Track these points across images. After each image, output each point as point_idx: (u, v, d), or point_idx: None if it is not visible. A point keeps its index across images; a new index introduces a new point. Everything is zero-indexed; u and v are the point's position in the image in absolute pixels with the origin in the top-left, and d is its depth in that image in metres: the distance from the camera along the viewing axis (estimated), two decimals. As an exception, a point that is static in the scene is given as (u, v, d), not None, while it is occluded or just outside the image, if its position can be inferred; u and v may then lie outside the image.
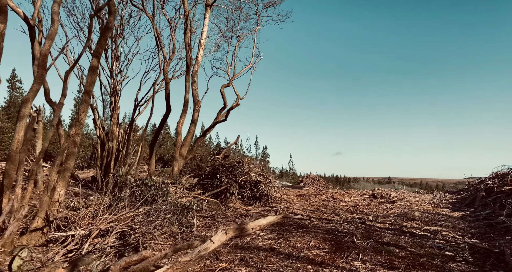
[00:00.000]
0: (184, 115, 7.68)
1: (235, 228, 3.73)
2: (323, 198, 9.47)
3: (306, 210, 7.55)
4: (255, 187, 8.50)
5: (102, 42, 4.86)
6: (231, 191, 8.09)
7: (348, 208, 7.93)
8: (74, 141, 4.55)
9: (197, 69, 8.33)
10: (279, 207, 7.88)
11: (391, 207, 8.17)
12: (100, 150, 9.33)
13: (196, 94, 8.30)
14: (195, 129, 8.42)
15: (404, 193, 11.28)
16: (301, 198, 10.10)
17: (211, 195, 8.39)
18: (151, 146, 8.94)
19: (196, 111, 8.31)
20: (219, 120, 9.83)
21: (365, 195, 10.12)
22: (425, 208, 8.08)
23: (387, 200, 8.99)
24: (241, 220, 6.00)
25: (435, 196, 10.66)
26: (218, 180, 8.42)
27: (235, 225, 3.77)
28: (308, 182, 23.13)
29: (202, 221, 5.94)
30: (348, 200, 9.06)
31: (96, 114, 9.03)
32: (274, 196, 8.63)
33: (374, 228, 5.61)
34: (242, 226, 3.81)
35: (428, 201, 9.29)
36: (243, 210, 7.50)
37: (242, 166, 8.86)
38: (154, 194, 5.57)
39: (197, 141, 9.81)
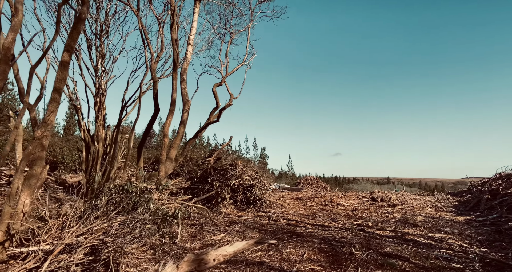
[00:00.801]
0: (171, 116, 7.24)
1: (190, 260, 2.95)
2: (320, 202, 9.04)
3: (301, 215, 7.11)
4: (248, 191, 8.06)
5: (74, 35, 4.42)
6: (222, 195, 7.64)
7: (346, 213, 7.50)
8: (42, 144, 4.09)
9: (186, 67, 7.90)
10: (273, 212, 7.44)
11: (391, 211, 7.74)
12: (85, 153, 8.87)
13: (186, 94, 7.87)
14: (185, 130, 7.98)
15: (404, 195, 10.87)
16: (297, 201, 9.66)
17: (202, 200, 7.95)
18: (138, 148, 8.49)
19: (185, 112, 7.87)
20: (211, 121, 9.39)
21: (364, 198, 9.69)
22: (427, 212, 7.66)
23: (387, 203, 8.56)
24: (231, 228, 5.56)
25: (437, 198, 10.24)
26: (209, 184, 7.97)
27: (191, 255, 2.95)
28: (306, 183, 22.71)
29: (188, 229, 5.49)
30: (346, 203, 8.63)
31: (80, 116, 8.57)
32: (269, 200, 8.19)
33: (374, 236, 5.18)
34: (200, 257, 3.00)
35: (430, 204, 8.87)
36: (235, 216, 7.06)
37: (235, 169, 8.43)
38: (135, 201, 5.13)
39: (188, 143, 9.36)
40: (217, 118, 9.35)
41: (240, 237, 4.99)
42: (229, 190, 7.88)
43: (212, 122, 9.45)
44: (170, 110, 7.21)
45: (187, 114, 7.91)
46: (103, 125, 9.00)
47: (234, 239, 4.88)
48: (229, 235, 5.11)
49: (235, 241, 4.77)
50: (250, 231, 5.41)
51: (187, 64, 7.91)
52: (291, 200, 10.19)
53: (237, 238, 4.91)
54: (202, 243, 4.69)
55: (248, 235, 5.10)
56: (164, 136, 7.17)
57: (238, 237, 4.98)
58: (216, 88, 9.33)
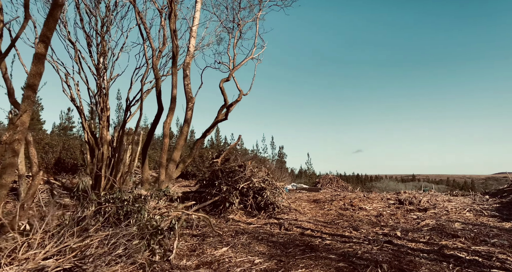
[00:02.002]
0: (172, 114, 6.67)
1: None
2: (339, 206, 8.19)
3: (318, 223, 6.33)
4: (259, 194, 7.37)
5: (50, 24, 3.89)
6: (230, 200, 6.99)
7: (369, 219, 6.64)
8: (13, 149, 3.60)
9: (189, 61, 7.31)
10: (286, 218, 6.70)
11: (422, 216, 6.79)
12: (89, 156, 8.52)
13: (189, 90, 7.28)
14: (189, 130, 7.41)
15: (435, 196, 9.78)
16: (314, 205, 8.86)
17: (209, 206, 7.34)
18: (143, 150, 8.00)
19: (189, 110, 7.28)
20: (219, 120, 8.77)
21: (390, 201, 8.73)
22: (465, 217, 6.65)
23: (417, 207, 7.59)
24: (236, 239, 4.89)
25: (474, 200, 9.10)
26: (216, 188, 7.35)
27: None
28: (325, 183, 21.70)
29: (189, 241, 4.88)
30: (369, 207, 7.74)
31: (83, 117, 8.21)
32: (282, 204, 7.45)
33: (405, 251, 4.33)
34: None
35: (467, 206, 7.80)
36: (243, 223, 6.39)
37: (244, 171, 7.76)
38: (128, 210, 4.57)
39: (196, 143, 8.78)
40: (225, 116, 8.71)
41: (245, 252, 4.30)
42: (238, 194, 7.22)
43: (221, 121, 8.82)
44: (170, 108, 6.64)
45: (191, 113, 7.32)
46: (107, 126, 8.60)
47: (238, 254, 4.21)
48: (233, 249, 4.44)
49: (238, 257, 4.10)
50: (257, 243, 4.71)
51: (190, 58, 7.32)
52: (307, 203, 9.39)
53: (241, 253, 4.23)
54: (200, 259, 4.04)
55: (254, 249, 4.41)
56: (164, 136, 6.62)
57: (242, 252, 4.30)
58: (224, 84, 8.69)
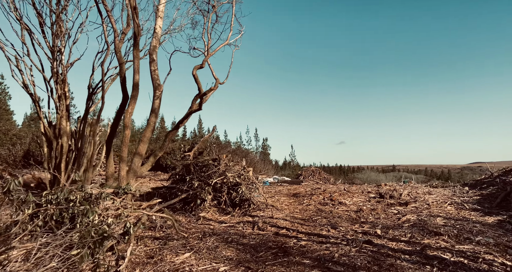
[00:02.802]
0: (134, 103, 5.99)
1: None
2: (319, 200, 7.83)
3: (295, 220, 5.92)
4: (233, 190, 6.87)
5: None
6: (202, 196, 6.46)
7: (349, 215, 6.28)
8: None
9: (156, 44, 6.60)
10: (262, 216, 6.25)
11: (403, 211, 6.51)
12: (47, 150, 7.71)
13: (156, 77, 6.59)
14: (157, 120, 6.75)
15: (416, 189, 9.63)
16: (293, 199, 8.47)
17: (179, 203, 6.78)
18: (107, 143, 7.27)
19: (156, 98, 6.61)
20: (193, 110, 8.13)
21: (370, 194, 8.46)
22: (447, 211, 6.42)
23: (398, 200, 7.33)
24: (202, 242, 4.37)
25: (454, 192, 8.98)
26: (187, 183, 6.79)
27: None
28: (308, 175, 21.52)
29: (149, 245, 4.33)
30: (349, 202, 7.40)
31: (37, 106, 7.36)
32: (258, 200, 6.99)
33: (385, 252, 3.96)
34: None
35: (448, 199, 7.62)
36: (215, 221, 5.88)
37: (219, 165, 7.22)
38: (75, 213, 3.95)
39: (168, 135, 8.12)
40: (199, 107, 8.07)
41: (210, 258, 3.80)
42: (211, 190, 6.69)
43: (194, 111, 8.18)
44: (132, 96, 5.95)
45: (159, 102, 6.66)
46: (67, 116, 7.80)
47: (201, 261, 3.70)
48: (197, 254, 3.93)
49: (201, 264, 3.60)
50: (225, 246, 4.22)
51: (157, 41, 6.60)
52: (287, 197, 9.00)
53: (204, 260, 3.73)
54: (156, 269, 3.51)
55: (220, 255, 3.92)
56: (125, 127, 5.94)
57: (206, 258, 3.79)
58: (199, 72, 8.04)
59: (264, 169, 33.24)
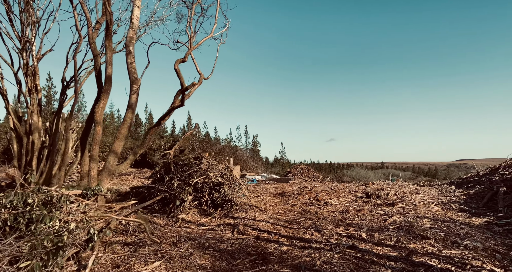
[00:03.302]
0: (106, 97, 5.59)
1: None
2: (305, 200, 7.60)
3: (278, 222, 5.66)
4: (215, 190, 6.56)
5: None
6: (182, 197, 6.13)
7: (334, 216, 6.06)
8: None
9: (133, 35, 6.19)
10: (244, 217, 5.97)
11: (390, 211, 6.33)
12: (16, 146, 7.24)
13: (134, 70, 6.19)
14: (133, 116, 6.36)
15: (403, 188, 9.52)
16: (279, 199, 8.22)
17: (157, 204, 6.44)
18: (82, 139, 6.85)
19: (133, 93, 6.21)
20: (176, 106, 7.75)
21: (357, 193, 8.28)
22: (434, 212, 6.27)
23: (384, 201, 7.16)
24: (176, 249, 4.06)
25: (440, 191, 8.90)
26: (166, 183, 6.44)
27: None
28: (297, 172, 21.35)
29: (118, 252, 3.99)
30: (335, 202, 7.19)
31: (5, 100, 6.88)
32: (241, 201, 6.70)
33: (370, 258, 3.74)
34: None
35: (435, 199, 7.50)
36: (194, 224, 5.57)
37: (201, 164, 6.90)
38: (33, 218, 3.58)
39: (149, 132, 7.74)
40: (181, 102, 7.71)
41: (182, 267, 3.50)
42: (192, 190, 6.37)
43: (177, 107, 7.81)
44: (104, 90, 5.55)
45: (136, 97, 6.27)
46: (39, 111, 7.33)
47: (171, 271, 3.39)
48: (168, 262, 3.62)
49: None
50: (200, 253, 3.92)
51: (133, 32, 6.19)
52: (272, 196, 8.75)
53: (175, 269, 3.42)
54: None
55: (193, 263, 3.62)
56: (96, 123, 5.54)
57: (178, 267, 3.49)
58: (181, 66, 7.67)
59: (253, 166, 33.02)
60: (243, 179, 15.87)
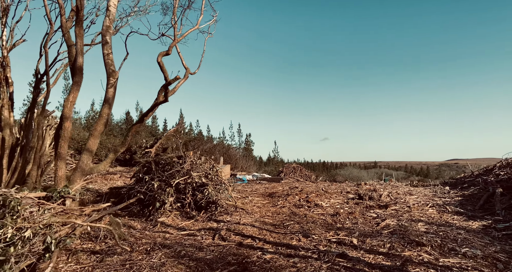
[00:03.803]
0: (76, 90, 5.12)
1: None
2: (294, 202, 7.24)
3: (264, 226, 5.29)
4: (199, 191, 6.16)
5: None
6: (162, 198, 5.72)
7: (324, 220, 5.72)
8: None
9: (110, 24, 5.74)
10: (228, 221, 5.58)
11: (383, 214, 6.01)
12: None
13: (110, 62, 5.74)
14: (110, 112, 5.91)
15: (396, 188, 9.24)
16: (267, 200, 7.86)
17: (136, 206, 6.02)
18: (55, 137, 6.39)
19: (110, 87, 5.76)
20: (159, 102, 7.33)
21: (349, 194, 7.96)
22: (429, 215, 5.98)
23: (377, 202, 6.84)
24: (147, 258, 3.66)
25: (435, 192, 8.64)
26: (146, 184, 6.02)
27: None
28: (289, 172, 21.06)
29: (83, 262, 3.57)
30: (326, 204, 6.86)
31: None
32: (226, 203, 6.31)
33: (361, 269, 3.39)
34: None
35: (430, 201, 7.22)
36: (174, 228, 5.17)
37: (184, 163, 6.49)
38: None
39: (131, 129, 7.30)
40: (165, 98, 7.28)
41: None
42: (173, 191, 5.96)
43: (160, 103, 7.38)
44: (74, 82, 5.09)
45: (113, 91, 5.82)
46: (10, 106, 6.83)
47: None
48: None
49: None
50: (174, 263, 3.52)
51: (110, 20, 5.74)
52: (261, 197, 8.38)
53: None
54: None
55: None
56: (64, 118, 5.07)
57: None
58: (163, 59, 7.24)
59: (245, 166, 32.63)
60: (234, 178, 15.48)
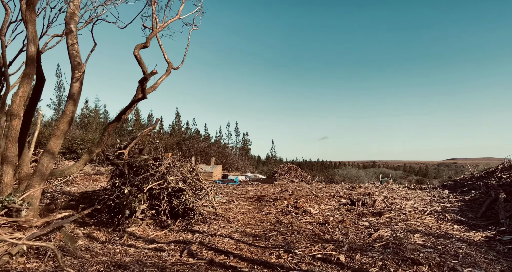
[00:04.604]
0: (27, 84, 4.48)
1: None
2: (282, 207, 6.71)
3: (244, 237, 4.75)
4: (176, 197, 5.62)
5: None
6: (133, 206, 5.17)
7: (311, 230, 5.18)
8: None
9: (74, 10, 5.16)
10: (205, 231, 5.04)
11: (376, 223, 5.48)
12: None
13: (75, 53, 5.17)
14: (75, 109, 5.34)
15: (392, 191, 8.72)
16: (254, 205, 7.32)
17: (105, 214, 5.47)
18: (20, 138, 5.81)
19: (76, 81, 5.19)
20: (137, 99, 6.78)
21: (342, 199, 7.43)
22: (426, 224, 5.45)
23: (371, 209, 6.31)
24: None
25: (433, 196, 8.12)
26: (116, 189, 5.48)
27: None
28: (284, 172, 20.48)
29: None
30: (315, 210, 6.32)
31: None
32: (206, 210, 5.76)
33: (347, 297, 2.85)
34: None
35: (427, 207, 6.70)
36: (143, 240, 4.63)
37: (160, 166, 5.94)
38: None
39: (108, 128, 6.73)
40: (143, 95, 6.73)
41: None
42: (146, 197, 5.41)
43: (138, 100, 6.83)
44: (25, 74, 4.48)
45: (79, 85, 5.26)
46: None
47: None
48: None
49: None
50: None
51: (75, 6, 5.16)
52: (249, 201, 7.85)
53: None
54: None
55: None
56: (12, 116, 4.48)
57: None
58: (140, 52, 6.69)
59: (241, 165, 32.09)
60: (225, 179, 14.95)
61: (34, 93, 5.83)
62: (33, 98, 5.88)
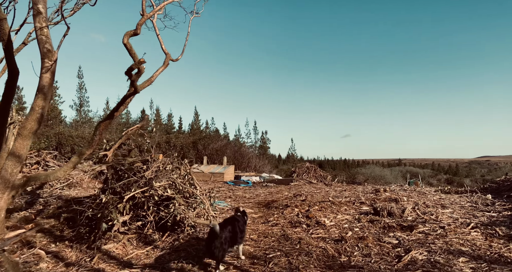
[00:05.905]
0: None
1: None
2: (291, 217, 5.72)
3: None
4: (164, 206, 4.81)
5: None
6: (111, 217, 4.41)
7: (324, 249, 4.17)
8: None
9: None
10: (195, 249, 4.17)
11: (407, 241, 4.39)
12: None
13: (45, 39, 4.46)
14: (47, 105, 4.67)
15: (423, 196, 7.51)
16: (261, 213, 6.39)
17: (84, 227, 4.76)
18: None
19: (46, 71, 4.47)
20: (128, 94, 6.06)
21: (363, 206, 6.34)
22: (472, 242, 4.29)
23: (399, 221, 5.19)
24: None
25: (474, 203, 6.84)
26: (95, 197, 4.75)
27: None
28: (302, 172, 19.30)
29: None
30: (330, 222, 5.28)
31: None
32: (198, 222, 4.89)
33: None
34: None
35: (470, 217, 5.50)
36: (118, 262, 3.83)
37: (148, 169, 5.15)
38: None
39: (99, 127, 6.05)
40: (134, 89, 6.00)
41: None
42: (128, 207, 4.64)
43: (130, 94, 6.10)
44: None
45: (49, 77, 4.54)
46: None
47: None
48: None
49: None
50: None
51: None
52: (256, 208, 6.95)
53: None
54: None
55: None
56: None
57: None
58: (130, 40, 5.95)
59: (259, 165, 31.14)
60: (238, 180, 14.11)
61: (7, 89, 5.21)
62: (5, 95, 5.27)
